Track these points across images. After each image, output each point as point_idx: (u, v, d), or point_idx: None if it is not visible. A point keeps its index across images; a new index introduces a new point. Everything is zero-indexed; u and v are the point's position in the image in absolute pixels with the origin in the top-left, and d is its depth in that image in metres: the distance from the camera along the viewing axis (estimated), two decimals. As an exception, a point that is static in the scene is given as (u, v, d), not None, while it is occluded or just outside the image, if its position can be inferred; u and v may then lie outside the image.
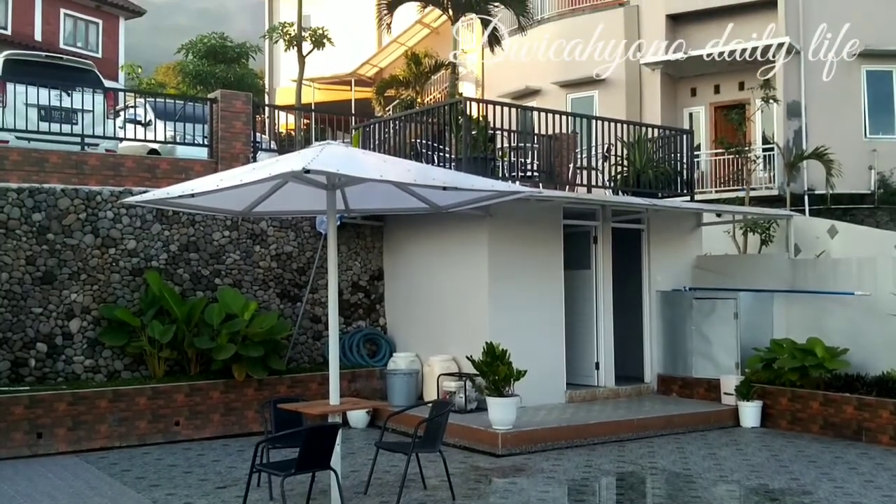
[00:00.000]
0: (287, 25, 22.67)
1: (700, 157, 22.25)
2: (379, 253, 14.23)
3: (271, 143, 17.17)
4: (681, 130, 15.70)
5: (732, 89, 23.07)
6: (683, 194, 15.09)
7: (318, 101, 31.19)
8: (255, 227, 13.11)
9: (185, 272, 12.45)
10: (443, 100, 26.16)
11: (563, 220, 13.18)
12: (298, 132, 21.83)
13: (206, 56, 24.21)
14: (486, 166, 12.81)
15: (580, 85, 24.41)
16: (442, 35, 28.87)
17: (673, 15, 23.53)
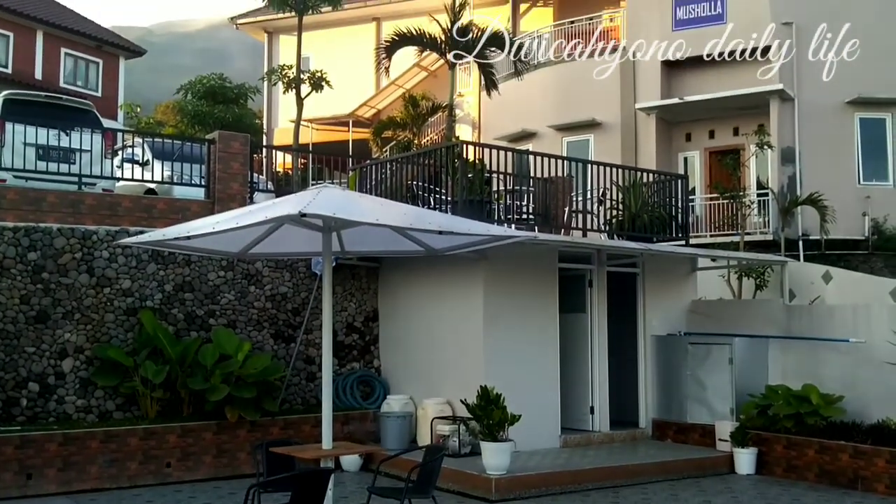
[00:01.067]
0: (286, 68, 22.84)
1: (695, 202, 22.34)
2: (374, 294, 14.19)
3: (268, 183, 17.21)
4: (676, 175, 15.76)
5: (727, 134, 23.23)
6: (678, 238, 15.11)
7: (316, 141, 31.32)
8: (250, 268, 13.08)
9: (180, 312, 12.41)
10: (440, 142, 26.31)
11: (559, 264, 13.18)
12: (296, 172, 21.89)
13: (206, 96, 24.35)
14: (482, 209, 12.84)
15: (576, 128, 24.56)
16: (440, 78, 29.11)
17: (668, 62, 23.75)
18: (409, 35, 20.13)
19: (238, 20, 36.09)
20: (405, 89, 30.81)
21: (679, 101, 22.76)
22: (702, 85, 23.05)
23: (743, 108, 22.34)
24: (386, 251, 10.17)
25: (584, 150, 23.96)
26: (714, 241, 20.45)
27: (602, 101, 24.31)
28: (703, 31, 23.06)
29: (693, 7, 23.29)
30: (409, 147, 26.69)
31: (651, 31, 23.88)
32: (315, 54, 31.36)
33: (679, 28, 23.46)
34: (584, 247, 13.15)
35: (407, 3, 31.96)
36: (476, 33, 20.47)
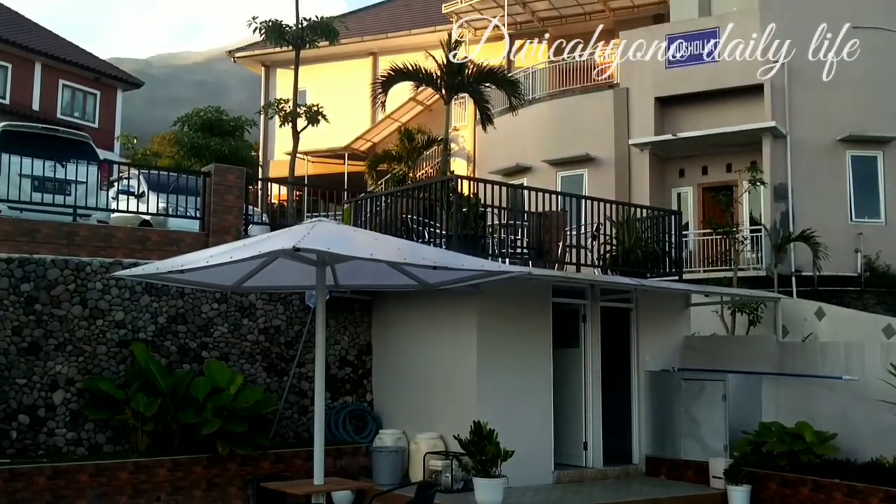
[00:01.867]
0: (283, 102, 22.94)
1: (688, 237, 22.37)
2: (367, 327, 14.14)
3: (263, 215, 17.20)
4: (669, 211, 15.80)
5: (720, 171, 23.33)
6: (672, 274, 15.11)
7: (312, 173, 31.42)
8: (243, 300, 13.03)
9: (173, 344, 12.33)
10: (435, 175, 26.39)
11: (553, 298, 13.15)
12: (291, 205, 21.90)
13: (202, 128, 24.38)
14: (477, 243, 12.84)
15: (570, 163, 24.64)
16: (435, 112, 29.27)
17: (661, 98, 23.89)
18: (405, 70, 20.24)
19: (236, 53, 36.32)
20: (401, 123, 30.98)
21: (672, 137, 22.88)
22: (695, 121, 23.19)
23: (736, 145, 22.44)
24: (380, 285, 10.15)
25: (578, 185, 24.03)
26: (707, 277, 20.45)
27: (596, 136, 24.43)
28: (697, 69, 23.24)
29: (686, 45, 23.49)
30: (404, 180, 26.78)
31: (644, 68, 24.05)
32: (312, 88, 31.53)
33: (672, 66, 23.64)
34: (577, 282, 13.13)
35: (403, 39, 32.25)
36: (472, 69, 20.61)
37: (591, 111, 24.79)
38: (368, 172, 29.24)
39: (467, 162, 29.62)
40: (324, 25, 22.90)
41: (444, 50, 20.11)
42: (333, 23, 23.41)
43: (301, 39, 22.66)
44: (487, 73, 20.57)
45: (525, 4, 29.03)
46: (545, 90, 26.46)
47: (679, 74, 23.52)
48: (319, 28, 22.86)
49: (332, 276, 8.63)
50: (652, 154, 23.58)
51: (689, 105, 23.60)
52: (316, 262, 7.85)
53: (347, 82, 32.47)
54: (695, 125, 22.99)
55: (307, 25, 22.69)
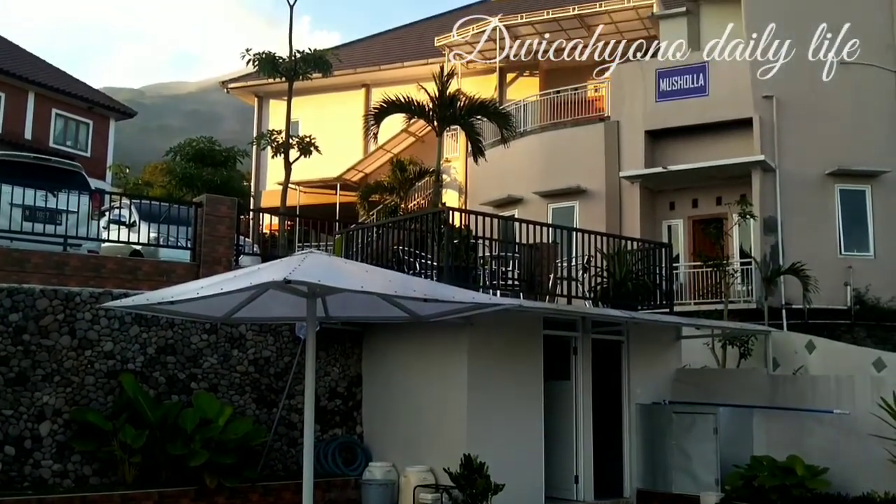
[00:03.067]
0: (275, 133, 22.99)
1: (679, 270, 22.43)
2: (358, 359, 14.07)
3: (254, 246, 17.18)
4: (659, 244, 15.83)
5: (710, 203, 23.44)
6: (663, 306, 15.11)
7: (304, 203, 31.44)
8: (233, 331, 12.96)
9: (162, 375, 12.24)
10: (426, 207, 26.43)
11: (544, 330, 13.13)
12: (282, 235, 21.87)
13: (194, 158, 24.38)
14: (468, 275, 12.84)
15: (561, 195, 24.73)
16: (427, 143, 29.37)
17: (652, 131, 24.05)
18: (398, 102, 20.35)
19: (229, 84, 36.46)
20: (393, 154, 31.09)
21: (663, 170, 23.00)
22: (685, 154, 23.34)
23: (726, 178, 22.58)
24: (371, 317, 10.11)
25: (570, 217, 24.10)
26: (698, 310, 20.48)
27: (587, 168, 24.55)
28: (686, 103, 23.42)
29: (676, 79, 23.70)
30: (396, 211, 26.82)
31: (635, 102, 24.23)
32: (304, 119, 31.64)
33: (663, 99, 23.82)
34: (568, 314, 13.12)
35: (396, 71, 32.43)
36: (464, 101, 20.72)
37: (582, 144, 24.94)
38: (360, 203, 29.28)
39: (459, 193, 29.70)
40: (317, 57, 23.00)
41: (437, 82, 20.23)
42: (327, 55, 23.51)
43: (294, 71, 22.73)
44: (479, 106, 20.70)
45: (517, 38, 29.24)
46: (536, 122, 26.60)
47: (669, 108, 23.71)
48: (312, 60, 22.96)
49: (322, 308, 8.60)
50: (643, 187, 23.69)
51: (680, 138, 23.76)
52: (307, 293, 7.82)
53: (340, 113, 32.61)
54: (685, 158, 23.14)
55: (300, 57, 22.78)
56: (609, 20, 27.70)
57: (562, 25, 28.25)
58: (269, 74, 23.20)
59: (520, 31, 28.96)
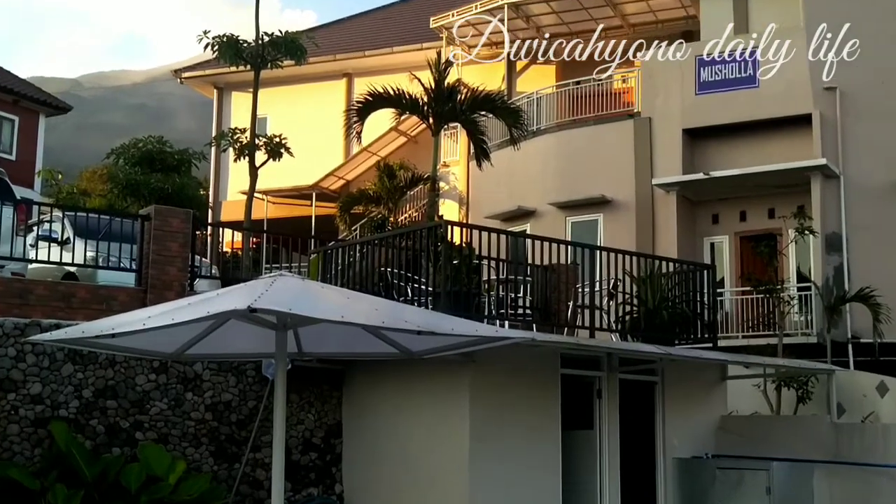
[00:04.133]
0: (238, 131, 23.06)
1: (724, 296, 22.44)
2: (337, 404, 14.07)
3: (213, 267, 17.20)
4: (701, 265, 15.90)
5: (761, 216, 23.48)
6: (704, 340, 15.13)
7: (273, 216, 31.51)
8: (187, 370, 12.95)
9: (100, 423, 12.22)
10: (420, 220, 26.48)
11: (562, 370, 13.13)
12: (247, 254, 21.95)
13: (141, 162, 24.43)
14: (470, 302, 12.85)
15: (582, 207, 24.80)
16: (421, 144, 29.48)
17: (690, 130, 24.13)
18: (386, 95, 20.38)
19: (183, 73, 36.62)
20: (380, 157, 31.18)
21: (704, 176, 23.06)
22: (731, 158, 23.41)
23: (780, 186, 22.64)
24: (353, 353, 10.12)
25: (593, 233, 24.16)
26: (747, 344, 20.48)
27: (613, 174, 24.63)
28: (732, 96, 23.51)
29: (720, 68, 23.79)
30: (384, 226, 26.86)
31: (671, 95, 24.32)
32: (273, 115, 31.75)
33: (704, 92, 23.91)
34: (591, 349, 13.11)
35: (383, 58, 32.57)
36: (465, 94, 20.80)
37: (607, 145, 25.03)
38: (340, 216, 29.34)
39: (459, 204, 29.79)
40: (288, 41, 23.13)
41: (433, 71, 20.29)
42: (300, 38, 23.65)
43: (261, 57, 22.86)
44: (483, 100, 20.75)
45: (529, 19, 29.42)
46: (552, 119, 26.72)
47: (711, 102, 23.80)
48: (283, 44, 23.08)
49: (294, 343, 8.60)
50: (680, 196, 23.75)
51: (724, 138, 23.85)
52: (276, 325, 7.83)
53: (316, 109, 32.72)
54: (731, 162, 23.20)
55: (269, 41, 22.91)
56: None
57: (583, 3, 28.40)
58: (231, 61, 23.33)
59: (532, 11, 29.12)
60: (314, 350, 9.05)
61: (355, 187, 31.17)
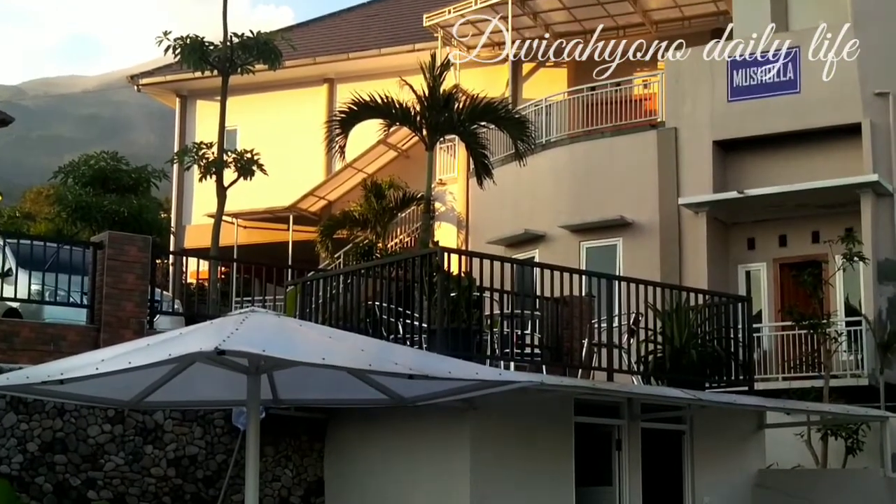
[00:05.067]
0: (204, 146, 23.08)
1: (761, 333, 22.44)
2: (319, 458, 14.08)
3: (175, 303, 17.24)
4: (735, 297, 15.97)
5: (804, 241, 23.47)
6: (739, 383, 15.15)
7: (244, 242, 31.48)
8: (147, 420, 12.97)
9: (48, 481, 12.23)
10: (413, 247, 26.50)
11: (575, 417, 13.17)
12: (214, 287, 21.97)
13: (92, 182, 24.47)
14: (470, 341, 12.89)
15: (598, 230, 24.81)
16: (413, 160, 29.55)
17: (722, 142, 24.17)
18: (373, 104, 20.46)
19: (140, 80, 36.63)
20: (366, 174, 31.19)
21: (738, 195, 23.06)
22: (769, 174, 23.42)
23: (825, 206, 22.65)
24: (336, 400, 10.16)
25: (611, 260, 24.17)
26: (788, 388, 20.47)
27: (634, 193, 24.64)
28: (770, 103, 23.56)
29: (756, 71, 23.85)
30: (371, 253, 26.86)
31: (699, 101, 24.39)
32: (244, 126, 31.81)
33: (737, 98, 23.99)
34: (610, 394, 13.15)
35: (370, 61, 32.63)
36: (464, 102, 20.88)
37: (627, 159, 25.06)
38: (321, 242, 29.34)
39: (458, 228, 29.79)
40: (261, 43, 23.21)
41: (426, 76, 20.38)
42: (275, 39, 23.73)
43: (230, 62, 22.93)
44: (485, 108, 20.84)
45: (536, 16, 29.51)
46: (564, 130, 26.74)
47: (746, 110, 23.85)
48: (256, 47, 23.16)
49: (269, 388, 8.65)
50: (711, 218, 23.76)
51: (761, 151, 23.88)
52: (248, 368, 7.88)
53: (294, 119, 32.80)
54: (769, 179, 23.21)
55: (239, 43, 22.99)
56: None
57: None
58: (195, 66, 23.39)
59: (540, 6, 29.26)
60: (292, 397, 9.09)
61: (338, 209, 31.18)
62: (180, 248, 32.37)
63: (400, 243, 29.26)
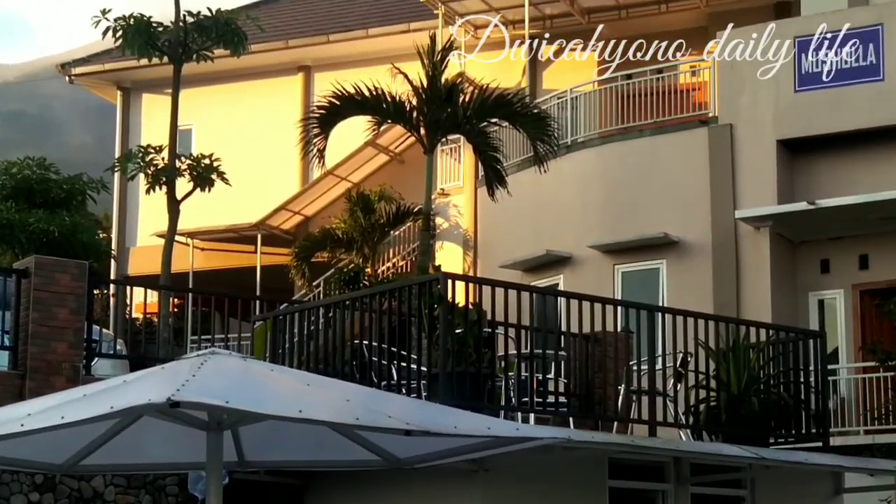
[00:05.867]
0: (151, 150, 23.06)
1: (838, 375, 22.41)
2: (294, 533, 14.09)
3: (117, 343, 17.24)
4: (805, 332, 15.95)
5: (890, 263, 23.44)
6: (811, 437, 15.14)
7: (202, 267, 31.45)
8: (83, 488, 12.98)
9: (-40, 565, 12.26)
10: (409, 272, 26.52)
11: (610, 481, 13.15)
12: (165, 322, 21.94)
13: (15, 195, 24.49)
14: (480, 388, 12.87)
15: (637, 250, 24.79)
16: (409, 165, 29.56)
17: (789, 141, 24.16)
18: (359, 97, 20.49)
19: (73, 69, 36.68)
20: (351, 183, 31.15)
21: (809, 206, 23.06)
22: (846, 180, 23.41)
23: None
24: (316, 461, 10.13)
25: (652, 288, 24.15)
26: (872, 442, 20.47)
27: (680, 204, 24.64)
28: (847, 94, 23.58)
29: (829, 55, 23.83)
30: (358, 280, 26.85)
31: (760, 93, 24.38)
32: (201, 125, 31.90)
33: (806, 87, 23.98)
34: (652, 452, 13.14)
35: (354, 44, 32.70)
36: (471, 94, 20.90)
37: (671, 163, 25.06)
38: (297, 267, 29.31)
39: (464, 249, 29.77)
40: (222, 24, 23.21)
41: (424, 62, 20.40)
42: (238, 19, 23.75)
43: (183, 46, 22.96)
44: (496, 102, 20.86)
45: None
46: (593, 128, 26.76)
47: (817, 102, 23.86)
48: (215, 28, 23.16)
49: (234, 448, 8.64)
50: (775, 235, 23.76)
51: (837, 153, 23.87)
52: (207, 423, 7.88)
53: (262, 116, 32.85)
54: (846, 187, 23.21)
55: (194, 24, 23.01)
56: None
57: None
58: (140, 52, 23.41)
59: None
60: (261, 458, 9.08)
61: (317, 226, 31.14)
62: (123, 275, 32.36)
63: (393, 268, 29.29)
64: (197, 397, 6.55)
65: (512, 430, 8.66)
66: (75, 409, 6.99)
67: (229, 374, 7.05)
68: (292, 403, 7.09)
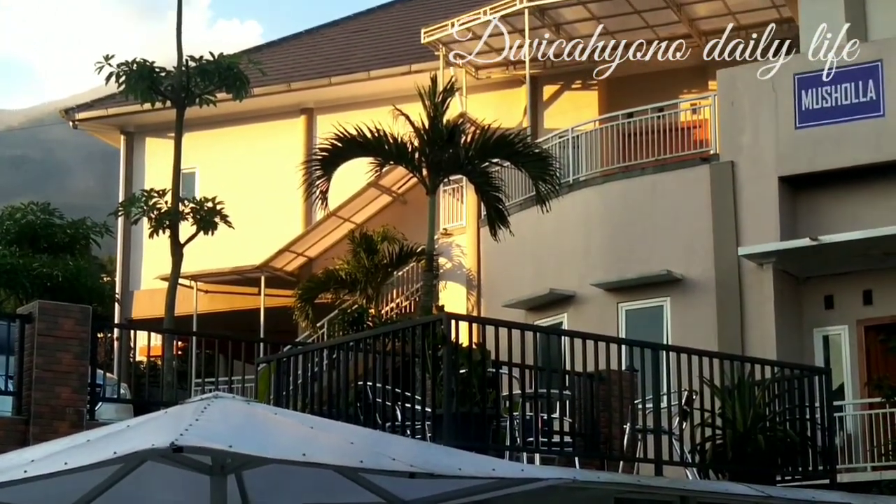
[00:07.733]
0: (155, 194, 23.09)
1: (844, 412, 22.34)
2: (300, 577, 14.00)
3: (121, 387, 17.22)
4: (811, 368, 15.90)
5: (894, 298, 23.39)
6: (818, 475, 15.09)
7: (206, 310, 31.46)
8: (87, 534, 12.92)
9: None
10: (412, 312, 26.49)
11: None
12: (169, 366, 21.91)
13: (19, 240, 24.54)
14: (484, 429, 12.83)
15: (640, 288, 24.76)
16: (411, 206, 29.62)
17: (791, 177, 24.16)
18: (361, 139, 20.50)
19: (77, 114, 36.76)
20: (354, 224, 31.20)
21: (812, 242, 23.03)
22: (850, 216, 23.37)
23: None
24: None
25: (656, 326, 24.11)
26: (879, 479, 20.38)
27: (683, 242, 24.62)
28: (849, 130, 23.58)
29: (829, 90, 23.86)
30: (361, 322, 26.82)
31: (762, 129, 24.40)
32: (205, 168, 31.99)
33: (808, 123, 23.99)
34: (658, 492, 13.08)
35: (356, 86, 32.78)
36: (472, 134, 20.92)
37: (673, 200, 25.05)
38: (300, 308, 29.28)
39: (467, 289, 29.77)
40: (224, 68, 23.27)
41: (426, 103, 20.44)
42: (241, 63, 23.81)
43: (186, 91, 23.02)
44: (498, 142, 20.87)
45: (559, 28, 29.66)
46: (595, 167, 26.76)
47: (819, 139, 23.85)
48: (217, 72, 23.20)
49: (238, 493, 8.62)
50: (779, 272, 23.72)
51: (839, 189, 23.85)
52: (211, 468, 7.86)
53: (265, 159, 32.90)
54: (849, 222, 23.17)
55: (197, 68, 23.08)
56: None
57: (635, 5, 28.65)
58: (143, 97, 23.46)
59: (563, 16, 29.43)
60: (265, 502, 9.05)
61: (320, 267, 31.16)
62: (127, 319, 32.36)
63: (396, 308, 29.28)
64: (200, 441, 6.53)
65: (517, 471, 8.64)
66: (79, 454, 6.97)
67: (233, 418, 7.03)
68: (296, 447, 7.07)
